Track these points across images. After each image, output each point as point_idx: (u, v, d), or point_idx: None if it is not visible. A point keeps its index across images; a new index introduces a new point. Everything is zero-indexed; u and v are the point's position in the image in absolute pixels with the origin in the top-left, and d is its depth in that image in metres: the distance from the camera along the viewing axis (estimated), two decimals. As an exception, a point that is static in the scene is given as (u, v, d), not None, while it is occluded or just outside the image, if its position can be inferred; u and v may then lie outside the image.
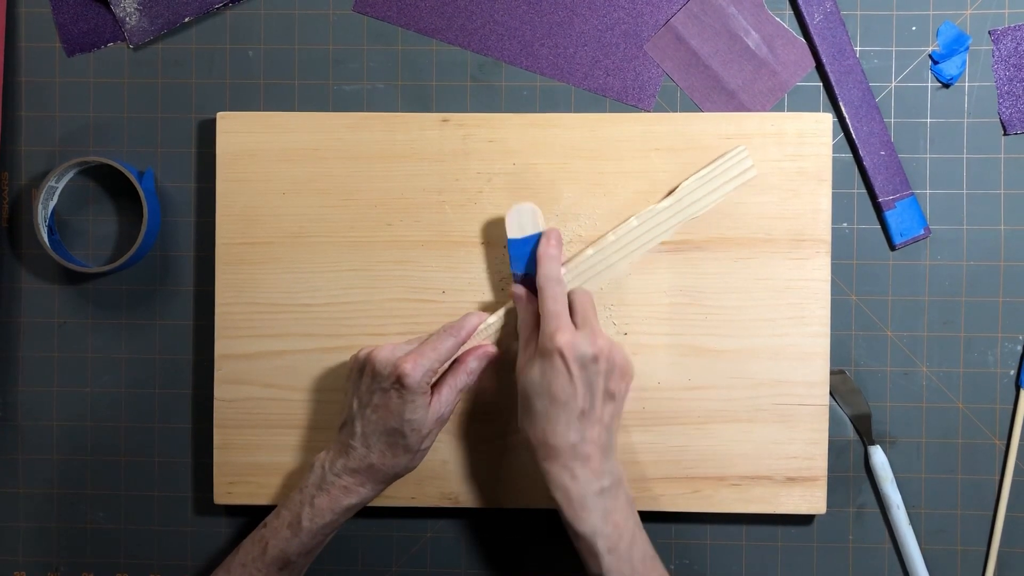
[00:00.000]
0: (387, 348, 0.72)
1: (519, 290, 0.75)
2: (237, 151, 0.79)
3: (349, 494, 0.72)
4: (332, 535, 0.75)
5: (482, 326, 0.76)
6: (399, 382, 0.70)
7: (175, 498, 0.82)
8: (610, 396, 0.70)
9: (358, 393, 0.73)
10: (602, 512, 0.69)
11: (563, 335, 0.69)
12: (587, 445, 0.69)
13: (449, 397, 0.73)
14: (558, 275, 0.73)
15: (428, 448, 0.74)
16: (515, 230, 0.75)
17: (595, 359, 0.69)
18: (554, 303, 0.71)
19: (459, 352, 0.74)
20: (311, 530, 0.72)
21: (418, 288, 0.78)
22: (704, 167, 0.77)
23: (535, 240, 0.75)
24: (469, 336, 0.74)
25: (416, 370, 0.70)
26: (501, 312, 0.76)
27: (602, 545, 0.68)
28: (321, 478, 0.73)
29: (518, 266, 0.75)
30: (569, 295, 0.73)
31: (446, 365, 0.74)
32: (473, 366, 0.74)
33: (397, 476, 0.74)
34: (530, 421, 0.70)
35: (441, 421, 0.73)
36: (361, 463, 0.72)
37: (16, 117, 0.82)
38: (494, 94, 0.81)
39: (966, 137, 0.80)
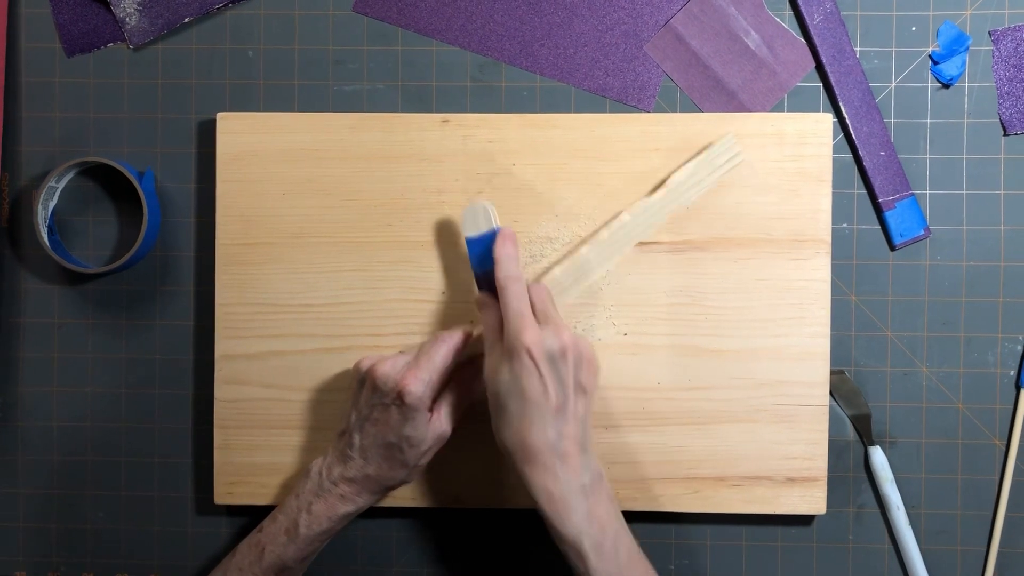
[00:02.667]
0: (388, 363, 0.71)
1: (483, 296, 0.73)
2: (237, 151, 0.79)
3: (346, 502, 0.73)
4: (328, 540, 0.75)
5: (477, 334, 0.75)
6: (400, 398, 0.70)
7: (175, 498, 0.82)
8: (582, 389, 0.69)
9: (357, 405, 0.73)
10: (585, 511, 0.67)
11: (528, 333, 0.67)
12: (565, 442, 0.67)
13: (449, 414, 0.73)
14: (517, 273, 0.71)
15: (425, 464, 0.74)
16: (470, 228, 0.74)
17: (563, 353, 0.68)
18: (516, 301, 0.69)
19: (454, 361, 0.73)
20: (308, 536, 0.72)
21: (418, 288, 0.78)
22: (692, 158, 0.77)
23: (491, 238, 0.73)
24: (463, 342, 0.73)
25: (417, 386, 0.70)
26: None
27: (588, 544, 0.67)
28: (318, 485, 0.73)
29: (478, 264, 0.74)
30: (528, 288, 0.71)
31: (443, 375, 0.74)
32: (471, 385, 0.74)
33: (393, 488, 0.74)
34: (505, 424, 0.68)
35: (442, 438, 0.73)
36: (358, 473, 0.72)
37: (16, 117, 0.82)
38: (494, 94, 0.81)
39: (966, 137, 0.80)
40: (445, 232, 0.78)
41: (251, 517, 0.82)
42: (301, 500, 0.73)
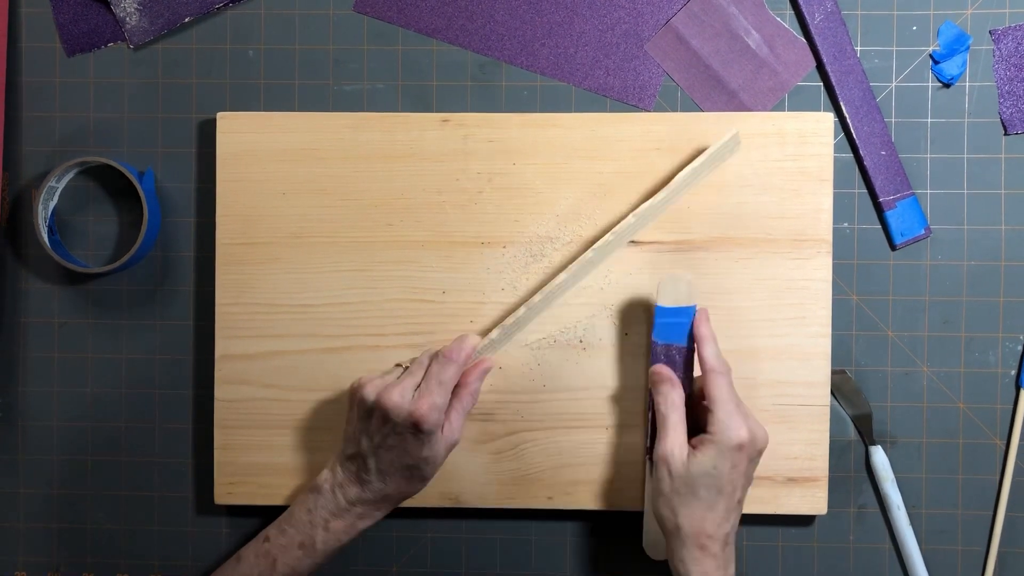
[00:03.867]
0: (395, 391, 0.70)
1: (664, 370, 0.72)
2: (237, 151, 0.79)
3: (365, 519, 0.74)
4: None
5: (484, 343, 0.75)
6: (416, 427, 0.70)
7: (175, 498, 0.82)
8: (751, 481, 0.72)
9: (368, 432, 0.72)
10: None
11: (744, 431, 0.69)
12: (732, 532, 0.70)
13: (457, 423, 0.73)
14: (725, 362, 0.71)
15: (438, 470, 0.74)
16: (667, 298, 0.72)
17: (760, 452, 0.71)
18: (729, 392, 0.70)
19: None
20: (326, 552, 0.73)
21: (418, 288, 0.78)
22: (696, 158, 0.76)
23: (687, 313, 0.72)
24: (468, 359, 0.73)
25: (433, 413, 0.70)
26: (502, 327, 0.75)
27: None
28: (335, 504, 0.73)
29: (662, 335, 0.73)
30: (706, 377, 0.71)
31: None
32: (475, 386, 0.74)
33: (408, 497, 0.75)
34: (687, 507, 0.69)
35: (453, 446, 0.74)
36: (377, 495, 0.73)
37: (16, 117, 0.82)
38: (494, 94, 0.81)
39: (967, 137, 0.80)
40: (446, 231, 0.78)
41: (251, 517, 0.82)
42: (315, 517, 0.73)
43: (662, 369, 0.72)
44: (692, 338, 0.72)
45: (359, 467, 0.73)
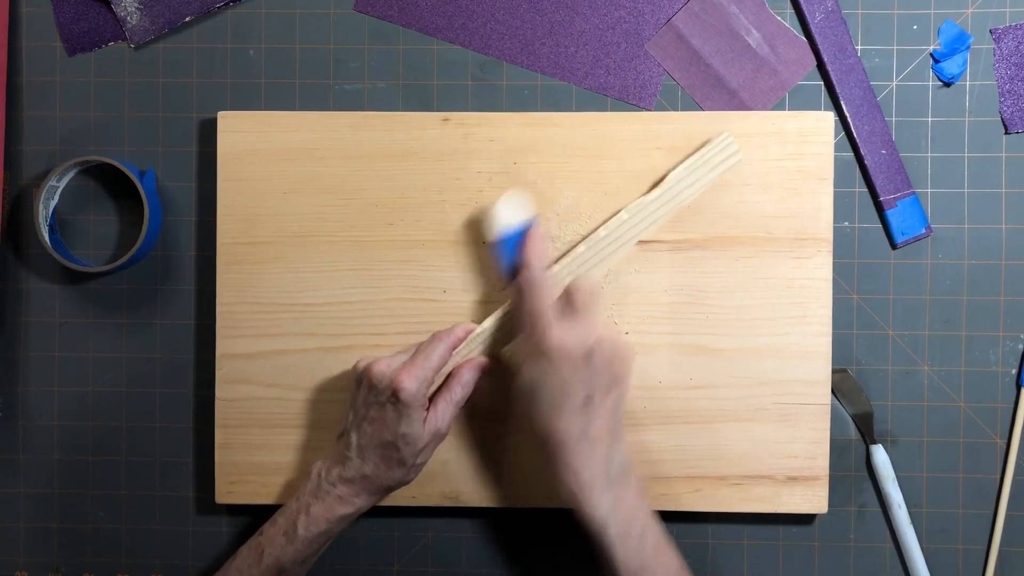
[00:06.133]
0: (384, 362, 0.72)
1: (518, 284, 0.74)
2: (238, 150, 0.79)
3: (344, 504, 0.73)
4: (328, 544, 0.75)
5: (476, 332, 0.75)
6: (395, 396, 0.70)
7: (176, 498, 0.82)
8: (612, 384, 0.70)
9: (355, 405, 0.73)
10: (612, 500, 0.69)
11: (560, 330, 0.69)
12: (593, 433, 0.69)
13: (445, 412, 0.73)
14: (541, 276, 0.72)
15: (424, 463, 0.74)
16: (501, 223, 0.74)
17: (591, 351, 0.69)
18: (542, 301, 0.71)
19: (452, 363, 0.75)
20: (306, 538, 0.72)
21: (419, 288, 0.78)
22: (690, 156, 0.77)
23: (520, 233, 0.74)
24: (459, 341, 0.74)
25: (411, 382, 0.70)
26: (494, 318, 0.76)
27: (613, 533, 0.68)
28: (317, 486, 0.73)
29: (507, 260, 0.75)
30: (569, 286, 0.73)
31: (441, 375, 0.74)
32: (467, 378, 0.74)
33: (391, 488, 0.74)
34: (535, 415, 0.70)
35: (438, 436, 0.73)
36: (356, 474, 0.72)
37: (17, 117, 0.82)
38: (495, 93, 0.81)
39: (967, 136, 0.80)
40: (446, 231, 0.78)
41: (252, 516, 0.82)
42: (300, 502, 0.73)
43: (516, 284, 0.73)
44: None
45: (343, 445, 0.73)
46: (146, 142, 0.82)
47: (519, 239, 0.74)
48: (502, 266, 0.75)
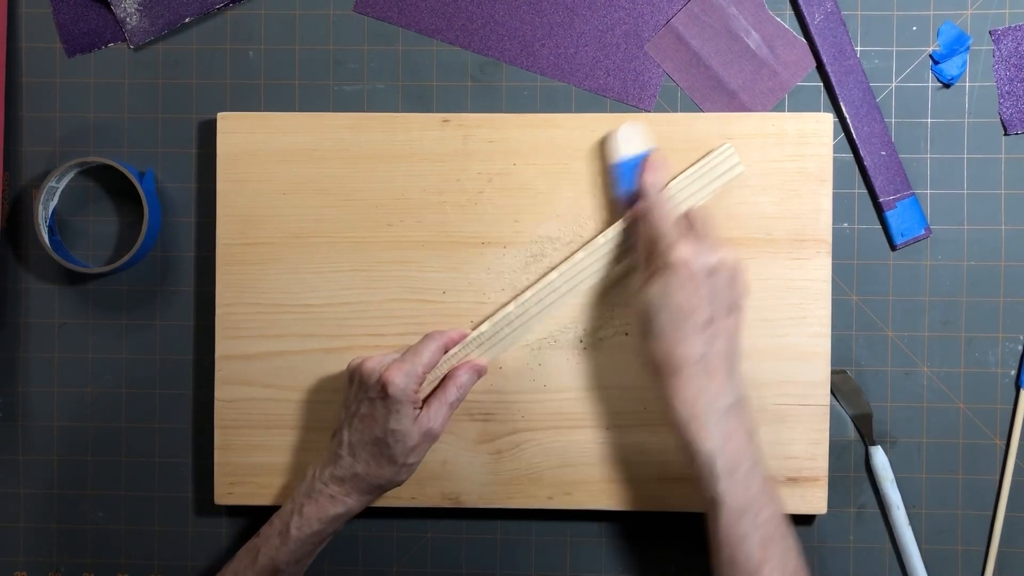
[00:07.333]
0: (375, 359, 0.72)
1: (639, 208, 0.74)
2: (237, 151, 0.79)
3: (335, 503, 0.73)
4: (323, 545, 0.75)
5: (473, 335, 0.75)
6: (384, 391, 0.70)
7: (175, 498, 0.82)
8: (731, 306, 0.69)
9: (347, 403, 0.73)
10: (724, 432, 0.67)
11: (684, 247, 0.69)
12: (713, 358, 0.68)
13: (438, 411, 0.73)
14: (662, 195, 0.73)
15: (415, 464, 0.74)
16: (618, 152, 0.76)
17: (717, 269, 0.69)
18: (664, 222, 0.71)
19: (447, 364, 0.75)
20: (299, 538, 0.72)
21: (418, 288, 0.78)
22: (690, 166, 0.77)
23: (638, 160, 0.76)
24: (452, 342, 0.75)
25: (400, 377, 0.70)
26: (491, 321, 0.76)
27: (720, 466, 0.66)
28: (310, 486, 0.73)
29: (624, 185, 0.76)
30: (688, 210, 0.73)
31: (437, 377, 0.74)
32: (463, 380, 0.74)
33: (383, 488, 0.74)
34: (653, 337, 0.69)
35: (431, 435, 0.73)
36: (347, 472, 0.72)
37: (16, 117, 0.82)
38: (494, 94, 0.81)
39: (967, 137, 0.80)
40: (446, 232, 0.78)
41: (251, 518, 0.82)
42: (295, 503, 0.73)
43: (637, 208, 0.74)
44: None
45: (336, 443, 0.73)
46: (145, 143, 0.82)
47: (637, 166, 0.75)
48: (620, 191, 0.76)
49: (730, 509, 0.66)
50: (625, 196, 0.76)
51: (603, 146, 0.77)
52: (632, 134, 0.76)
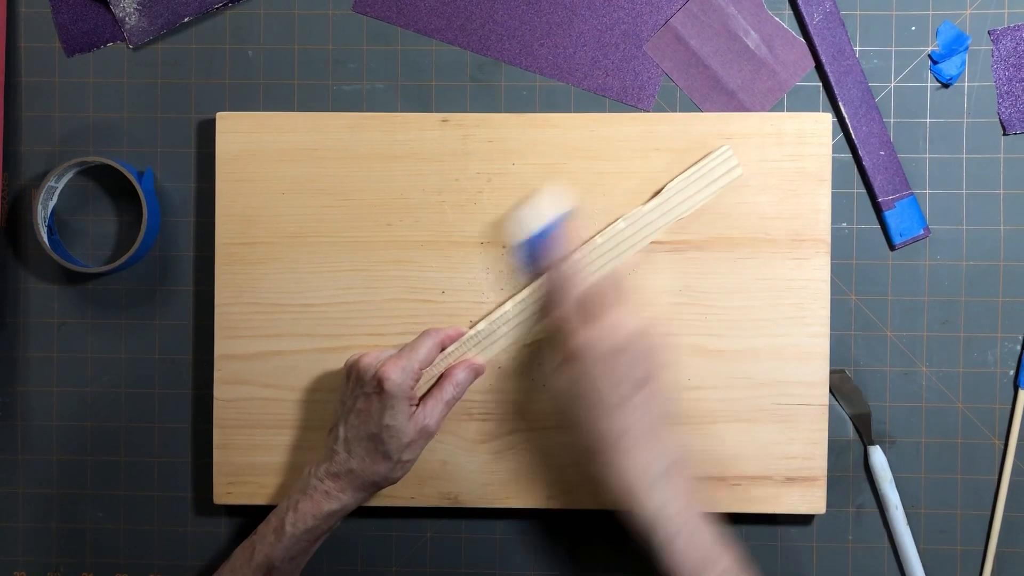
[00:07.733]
0: (372, 355, 0.73)
1: (541, 287, 0.74)
2: (237, 151, 0.79)
3: (330, 499, 0.72)
4: (318, 543, 0.75)
5: (470, 334, 0.75)
6: (379, 386, 0.70)
7: (175, 498, 0.82)
8: (644, 380, 0.69)
9: (343, 398, 0.74)
10: (661, 499, 0.67)
11: (585, 333, 0.68)
12: (637, 430, 0.67)
13: (434, 409, 0.73)
14: (563, 274, 0.72)
15: (411, 461, 0.74)
16: (529, 225, 0.75)
17: (624, 347, 0.68)
18: (566, 305, 0.70)
19: (444, 362, 0.75)
20: (294, 535, 0.72)
21: (418, 288, 0.78)
22: (689, 167, 0.77)
23: (550, 230, 0.74)
24: (450, 340, 0.75)
25: (395, 373, 0.70)
26: (488, 320, 0.76)
27: (662, 535, 0.66)
28: (306, 483, 0.73)
29: (530, 261, 0.75)
30: (591, 286, 0.72)
31: (434, 375, 0.74)
32: (461, 378, 0.74)
33: (378, 485, 0.74)
34: (574, 420, 0.69)
35: (426, 433, 0.73)
36: (342, 468, 0.72)
37: (16, 117, 0.82)
38: (494, 94, 0.81)
39: (966, 137, 0.80)
40: (445, 231, 0.78)
41: (250, 517, 0.82)
42: (291, 499, 0.73)
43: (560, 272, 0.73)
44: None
45: (332, 439, 0.73)
46: (145, 143, 0.82)
47: (547, 236, 0.74)
48: (526, 263, 0.76)
49: (686, 570, 0.66)
50: (531, 269, 0.75)
51: (514, 221, 0.77)
52: (547, 202, 0.75)
